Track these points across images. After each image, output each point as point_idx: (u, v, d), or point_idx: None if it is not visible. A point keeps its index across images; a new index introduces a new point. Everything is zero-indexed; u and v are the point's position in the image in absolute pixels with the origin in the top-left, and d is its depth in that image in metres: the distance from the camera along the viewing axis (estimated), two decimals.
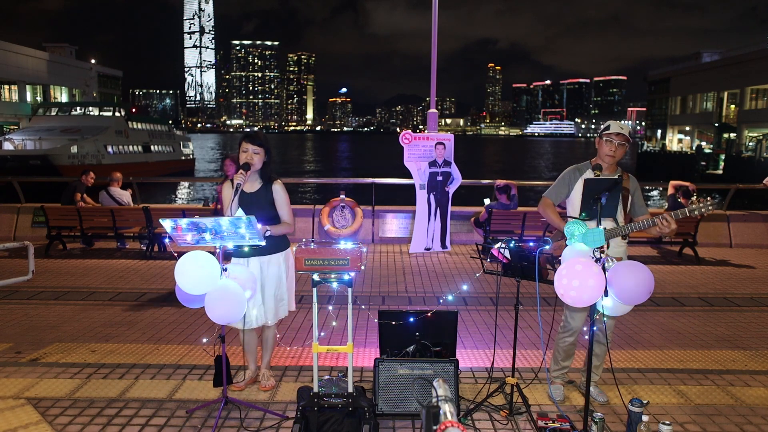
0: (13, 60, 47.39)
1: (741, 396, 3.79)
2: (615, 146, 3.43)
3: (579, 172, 3.58)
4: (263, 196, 3.62)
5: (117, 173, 9.28)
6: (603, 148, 3.47)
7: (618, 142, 3.42)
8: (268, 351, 3.91)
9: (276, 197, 3.64)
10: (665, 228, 3.16)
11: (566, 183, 3.60)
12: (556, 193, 3.63)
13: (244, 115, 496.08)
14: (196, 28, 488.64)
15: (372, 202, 9.67)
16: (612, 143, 3.43)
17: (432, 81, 9.17)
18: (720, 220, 9.60)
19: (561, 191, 3.62)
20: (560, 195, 3.63)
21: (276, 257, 3.66)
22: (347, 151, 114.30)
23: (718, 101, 46.32)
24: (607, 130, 3.48)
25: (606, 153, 3.45)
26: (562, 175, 3.65)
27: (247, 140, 3.59)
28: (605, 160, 3.48)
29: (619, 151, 3.44)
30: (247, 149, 3.56)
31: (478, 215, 8.76)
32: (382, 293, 6.40)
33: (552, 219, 3.57)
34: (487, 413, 3.49)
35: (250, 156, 3.56)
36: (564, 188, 3.61)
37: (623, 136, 3.42)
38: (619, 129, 3.44)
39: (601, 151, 3.50)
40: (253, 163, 3.56)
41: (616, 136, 3.42)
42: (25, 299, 5.91)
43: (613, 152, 3.43)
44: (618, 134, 3.42)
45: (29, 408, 3.50)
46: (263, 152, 3.60)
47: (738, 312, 5.78)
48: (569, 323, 3.67)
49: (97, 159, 35.79)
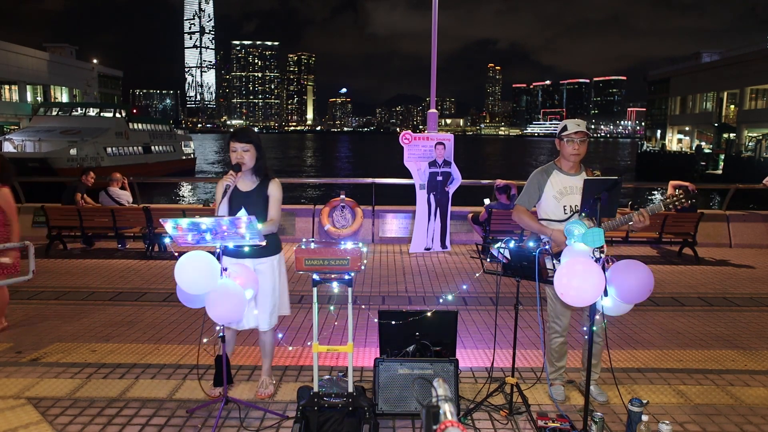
0: (14, 60, 47.41)
1: (740, 396, 3.80)
2: (577, 144, 3.50)
3: (546, 174, 3.62)
4: (259, 195, 3.54)
5: (117, 174, 9.29)
6: (566, 148, 3.53)
7: (579, 140, 3.50)
8: (267, 357, 3.81)
9: (270, 194, 3.55)
10: (639, 225, 3.25)
11: (536, 187, 3.63)
12: (528, 198, 3.66)
13: (244, 115, 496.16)
14: (197, 29, 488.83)
15: (372, 202, 9.67)
16: (574, 142, 3.50)
17: (432, 81, 9.18)
18: (720, 220, 9.60)
19: (532, 196, 3.65)
20: (532, 200, 3.66)
21: (269, 260, 3.56)
22: (347, 151, 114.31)
23: (717, 101, 46.34)
24: (565, 131, 3.54)
25: (570, 153, 3.52)
26: (530, 179, 3.68)
27: (235, 139, 3.47)
28: (570, 159, 3.55)
29: (582, 147, 3.52)
30: (236, 148, 3.46)
31: (477, 214, 8.77)
32: (382, 293, 6.40)
33: (529, 224, 3.60)
34: (487, 413, 3.50)
35: (240, 155, 3.45)
36: (535, 192, 3.64)
37: (582, 133, 3.51)
38: (576, 127, 3.51)
39: (564, 151, 3.56)
40: (244, 162, 3.45)
41: (575, 135, 3.50)
42: (26, 299, 5.92)
43: (577, 150, 3.51)
44: (577, 132, 3.49)
45: (30, 408, 3.51)
46: (253, 149, 3.48)
47: (737, 312, 5.79)
48: (558, 324, 3.69)
49: (96, 162, 35.74)
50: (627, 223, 3.30)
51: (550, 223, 3.55)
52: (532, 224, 3.58)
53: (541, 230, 3.52)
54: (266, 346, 3.78)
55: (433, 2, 9.00)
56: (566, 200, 3.52)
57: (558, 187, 3.55)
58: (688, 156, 44.42)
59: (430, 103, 9.47)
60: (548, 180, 3.58)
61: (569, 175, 3.56)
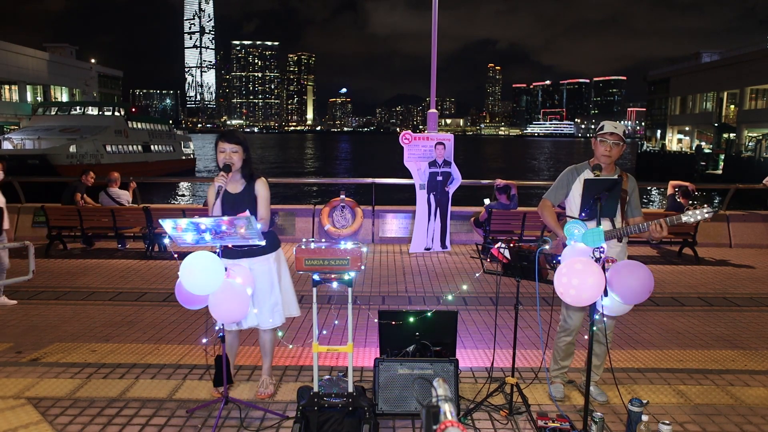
0: (14, 60, 47.41)
1: (740, 396, 3.80)
2: (610, 146, 3.47)
3: (577, 173, 3.62)
4: (248, 196, 3.54)
5: (114, 173, 9.28)
6: (599, 148, 3.51)
7: (612, 142, 3.46)
8: (267, 356, 3.80)
9: (257, 194, 3.55)
10: (656, 234, 3.19)
11: (565, 184, 3.64)
12: (555, 194, 3.68)
13: (244, 115, 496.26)
14: (197, 29, 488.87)
15: (372, 202, 9.67)
16: (606, 143, 3.47)
17: (432, 81, 9.17)
18: (720, 220, 9.60)
19: (560, 192, 3.67)
20: (559, 196, 3.67)
21: (265, 258, 3.56)
22: (347, 151, 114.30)
23: (717, 101, 46.33)
24: (601, 131, 3.52)
25: (602, 153, 3.50)
26: (561, 176, 3.70)
27: (223, 140, 3.47)
28: (602, 160, 3.52)
29: (615, 150, 3.48)
30: (225, 149, 3.45)
31: (477, 215, 8.76)
32: (382, 293, 6.40)
33: (548, 222, 3.62)
34: (487, 413, 3.50)
35: (229, 156, 3.45)
36: (563, 189, 3.65)
37: (617, 136, 3.47)
38: (612, 129, 3.49)
39: (597, 151, 3.54)
40: (233, 162, 3.46)
41: (610, 136, 3.47)
42: (26, 299, 5.91)
43: (609, 152, 3.48)
44: (612, 134, 3.47)
45: (30, 408, 3.50)
46: (242, 150, 3.48)
47: (738, 312, 5.79)
48: (567, 323, 3.69)
49: (96, 159, 35.79)
50: (643, 232, 3.26)
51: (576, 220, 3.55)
52: (549, 221, 3.61)
53: (554, 229, 3.54)
54: (266, 345, 3.78)
55: (433, 2, 9.00)
56: None
57: None
58: (688, 156, 44.43)
59: (430, 103, 9.47)
60: (578, 178, 3.58)
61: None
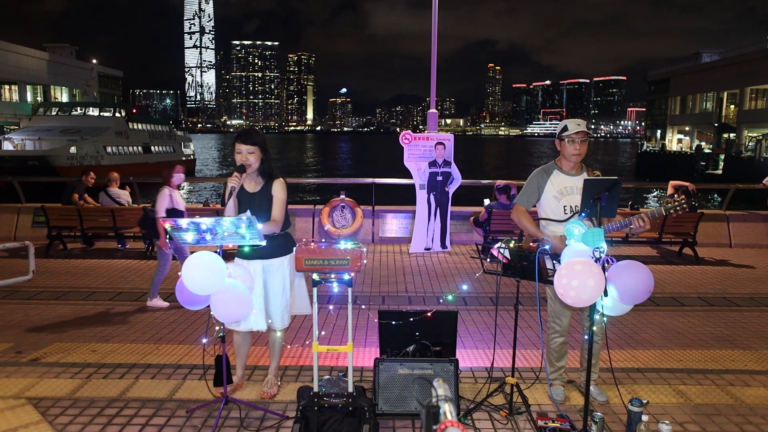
0: (14, 60, 47.38)
1: (740, 396, 3.80)
2: (578, 144, 3.49)
3: (546, 174, 3.61)
4: (265, 195, 3.55)
5: (113, 173, 9.28)
6: (567, 149, 3.52)
7: (580, 140, 3.48)
8: (276, 357, 3.81)
9: (273, 194, 3.55)
10: (639, 229, 3.22)
11: (536, 187, 3.62)
12: (527, 198, 3.66)
13: (244, 115, 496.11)
14: (197, 29, 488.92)
15: (372, 202, 9.67)
16: (575, 143, 3.48)
17: (432, 81, 9.17)
18: (720, 220, 9.60)
19: (532, 196, 3.64)
20: (531, 199, 3.65)
21: (279, 261, 3.57)
22: (347, 151, 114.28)
23: (717, 101, 46.32)
24: (566, 131, 3.52)
25: (572, 153, 3.51)
26: (530, 178, 3.67)
27: (240, 140, 3.47)
28: (572, 159, 3.53)
29: (583, 147, 3.51)
30: (241, 150, 3.46)
31: (477, 215, 8.76)
32: (382, 293, 6.40)
33: (527, 227, 3.61)
34: (487, 413, 3.50)
35: (245, 157, 3.45)
36: (534, 192, 3.63)
37: (583, 133, 3.49)
38: (577, 127, 3.50)
39: (565, 152, 3.54)
40: (249, 163, 3.46)
41: (576, 135, 3.48)
42: (26, 299, 5.92)
43: (578, 150, 3.49)
44: (578, 132, 3.48)
45: (30, 408, 3.50)
46: (259, 150, 3.48)
47: (737, 312, 5.79)
48: (556, 324, 3.69)
49: (96, 160, 35.76)
50: (627, 227, 3.29)
51: (550, 223, 3.55)
52: (528, 226, 3.59)
53: (535, 233, 3.53)
54: (275, 345, 3.78)
55: (433, 2, 9.00)
56: (566, 200, 3.52)
57: (558, 187, 3.54)
58: (688, 156, 44.42)
59: (430, 103, 9.47)
60: (548, 180, 3.58)
61: (570, 175, 3.56)
